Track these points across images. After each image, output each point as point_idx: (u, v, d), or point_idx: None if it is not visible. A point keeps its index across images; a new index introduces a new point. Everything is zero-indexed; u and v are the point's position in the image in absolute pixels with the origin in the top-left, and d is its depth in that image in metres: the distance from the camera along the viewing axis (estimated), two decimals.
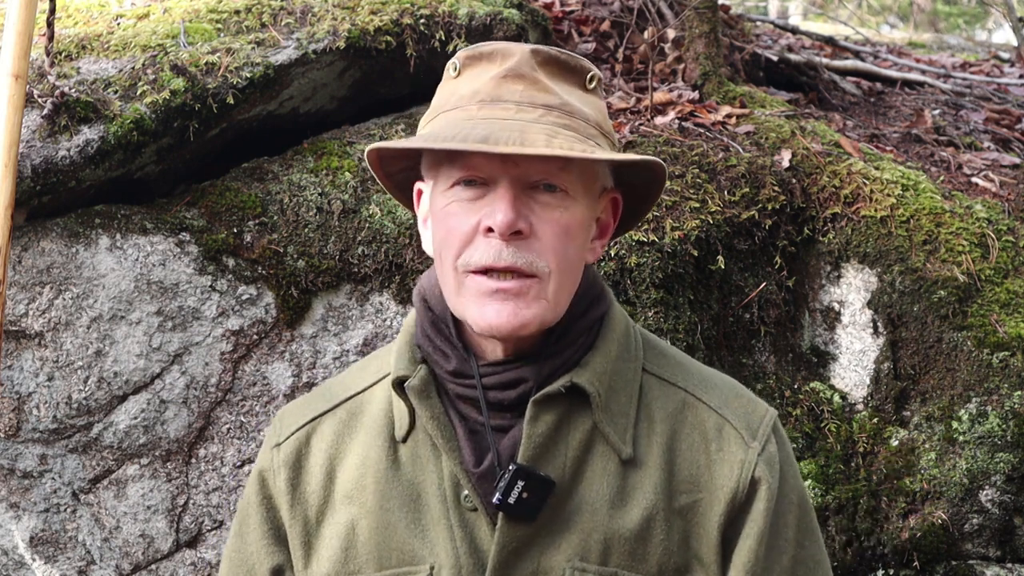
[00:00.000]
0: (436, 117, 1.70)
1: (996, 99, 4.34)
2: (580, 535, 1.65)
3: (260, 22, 3.02)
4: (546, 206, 1.64)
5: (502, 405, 1.68)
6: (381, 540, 1.70)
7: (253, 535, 1.81)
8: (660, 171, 1.74)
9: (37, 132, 2.57)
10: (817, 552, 1.75)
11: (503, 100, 1.65)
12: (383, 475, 1.72)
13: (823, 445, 2.96)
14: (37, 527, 2.66)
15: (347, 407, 1.80)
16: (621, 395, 1.71)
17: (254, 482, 1.82)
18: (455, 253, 1.65)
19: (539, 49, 1.70)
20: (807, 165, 3.17)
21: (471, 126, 1.61)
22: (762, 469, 1.69)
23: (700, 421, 1.72)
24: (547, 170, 1.63)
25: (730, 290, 3.00)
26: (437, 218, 1.69)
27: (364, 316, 2.77)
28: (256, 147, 2.98)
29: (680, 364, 1.79)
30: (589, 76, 1.72)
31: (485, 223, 1.63)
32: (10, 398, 2.61)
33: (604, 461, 1.68)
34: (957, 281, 2.96)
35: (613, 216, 1.79)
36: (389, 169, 1.80)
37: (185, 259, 2.69)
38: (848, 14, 8.17)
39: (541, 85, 1.67)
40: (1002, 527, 2.91)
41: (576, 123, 1.66)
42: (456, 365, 1.70)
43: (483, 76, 1.68)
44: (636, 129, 3.20)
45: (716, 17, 3.72)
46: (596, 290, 1.77)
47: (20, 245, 2.61)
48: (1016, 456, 2.87)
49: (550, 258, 1.64)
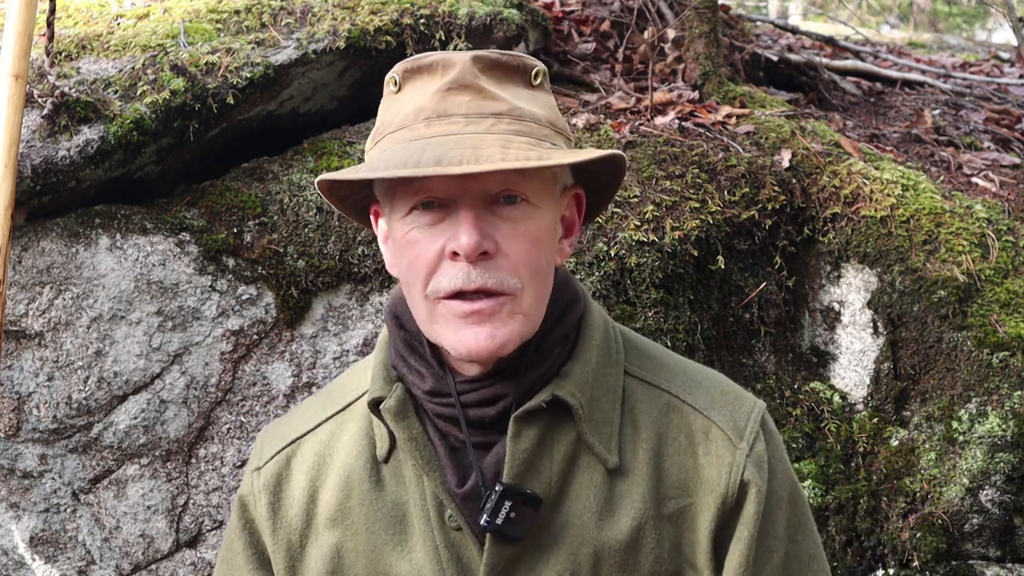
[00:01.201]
0: (382, 139, 1.64)
1: (996, 99, 4.34)
2: (569, 550, 1.63)
3: (260, 22, 3.02)
4: (509, 220, 1.59)
5: (482, 423, 1.64)
6: (368, 563, 1.68)
7: (238, 560, 1.79)
8: (620, 163, 1.69)
9: (37, 132, 2.57)
10: (811, 546, 1.72)
11: (450, 114, 1.59)
12: (366, 497, 1.69)
13: (823, 445, 2.96)
14: (37, 527, 2.66)
15: (327, 427, 1.77)
16: (604, 402, 1.67)
17: (236, 507, 1.80)
18: (423, 282, 1.60)
19: (480, 55, 1.64)
20: (807, 165, 3.17)
21: (421, 148, 1.55)
22: (751, 471, 1.65)
23: (686, 424, 1.68)
24: (506, 180, 1.58)
25: (730, 290, 3.00)
26: (399, 246, 1.64)
27: (364, 316, 2.77)
28: (256, 147, 2.98)
29: (663, 364, 1.75)
30: (533, 72, 1.67)
31: (449, 247, 1.57)
32: (10, 398, 2.61)
33: (590, 472, 1.65)
34: (957, 281, 2.96)
35: (578, 212, 1.74)
36: (341, 194, 1.74)
37: (185, 259, 2.69)
38: (848, 14, 8.17)
39: (487, 93, 1.61)
40: (1002, 527, 2.91)
41: (528, 126, 1.61)
42: (432, 384, 1.65)
43: (426, 90, 1.62)
44: (636, 129, 3.20)
45: (716, 17, 3.72)
46: (570, 293, 1.72)
47: (20, 245, 2.61)
48: (1016, 456, 2.87)
49: (521, 272, 1.59)
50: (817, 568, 1.72)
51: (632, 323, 2.78)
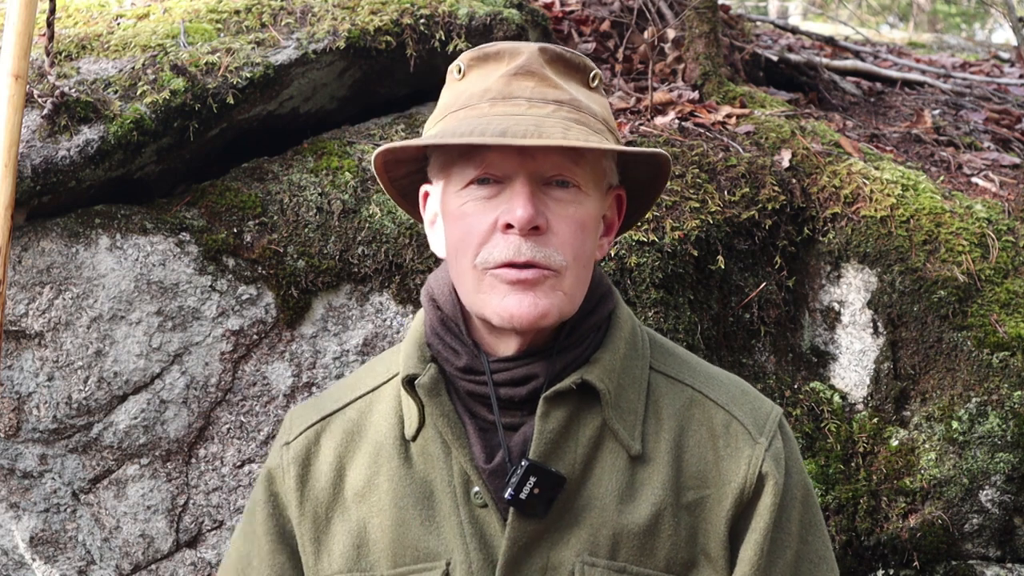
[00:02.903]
0: (445, 117, 1.71)
1: (996, 99, 4.34)
2: (589, 530, 1.67)
3: (260, 22, 3.02)
4: (560, 202, 1.66)
5: (512, 402, 1.70)
6: (395, 537, 1.71)
7: (258, 531, 1.82)
8: (665, 165, 1.76)
9: (37, 132, 2.57)
10: (821, 547, 1.76)
11: (515, 97, 1.67)
12: (395, 473, 1.73)
13: (823, 445, 2.96)
14: (37, 527, 2.66)
15: (356, 406, 1.82)
16: (630, 392, 1.73)
17: (262, 480, 1.83)
18: (474, 252, 1.66)
19: (546, 47, 1.72)
20: (807, 165, 3.17)
21: (486, 122, 1.63)
22: (769, 465, 1.71)
23: (708, 418, 1.74)
24: (561, 165, 1.65)
25: (730, 290, 3.00)
26: (451, 218, 1.70)
27: (364, 316, 2.77)
28: (256, 147, 2.98)
29: (686, 362, 1.81)
30: (592, 74, 1.75)
31: (503, 219, 1.64)
32: (10, 398, 2.61)
33: (613, 457, 1.70)
34: (957, 281, 2.96)
35: (618, 214, 1.81)
36: (394, 174, 1.81)
37: (185, 259, 2.69)
38: (848, 14, 8.17)
39: (550, 82, 1.69)
40: (1002, 527, 2.91)
41: (585, 118, 1.68)
42: (467, 361, 1.71)
43: (492, 75, 1.70)
44: (636, 129, 3.20)
45: (716, 17, 3.72)
46: (604, 288, 1.79)
47: (20, 245, 2.61)
48: (1016, 456, 2.87)
49: (567, 252, 1.65)
50: (827, 569, 1.75)
51: None
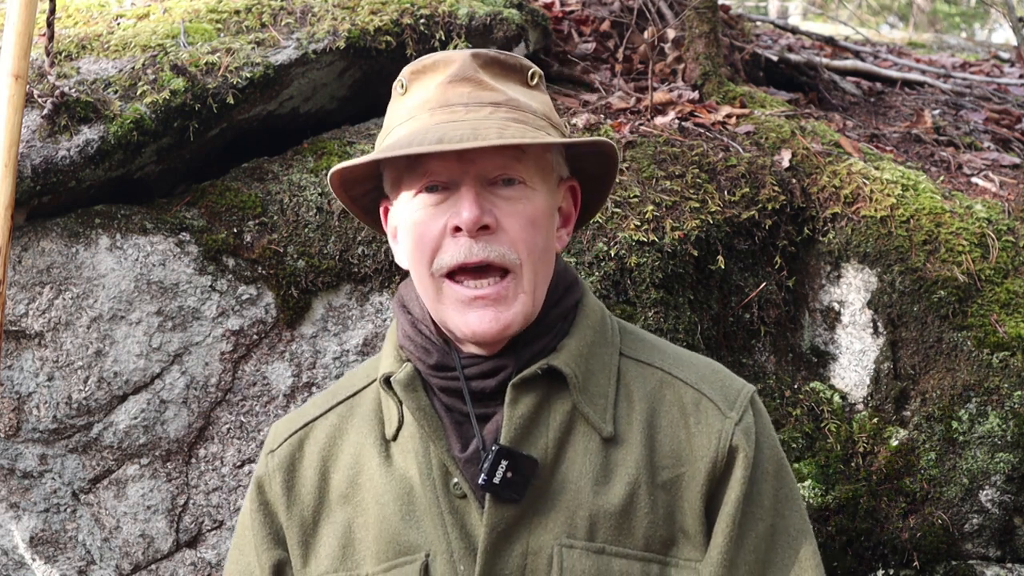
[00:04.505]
0: (391, 132, 1.76)
1: (996, 99, 4.34)
2: (566, 513, 1.69)
3: (260, 22, 3.02)
4: (508, 199, 1.70)
5: (484, 394, 1.73)
6: (378, 534, 1.74)
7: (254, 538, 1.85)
8: (612, 153, 1.79)
9: (37, 132, 2.57)
10: (799, 522, 1.77)
11: (451, 104, 1.72)
12: (375, 472, 1.77)
13: (823, 445, 2.96)
14: (37, 527, 2.66)
15: (338, 411, 1.86)
16: (599, 376, 1.76)
17: (252, 490, 1.87)
18: (428, 258, 1.71)
19: (479, 52, 1.77)
20: (807, 165, 3.17)
21: (423, 132, 1.68)
22: (739, 438, 1.73)
23: (678, 397, 1.77)
24: (503, 164, 1.69)
25: (730, 290, 3.00)
26: (405, 228, 1.76)
27: (364, 316, 2.77)
28: (256, 147, 2.98)
29: (656, 347, 1.84)
30: (530, 73, 1.80)
31: (452, 223, 1.69)
32: (10, 398, 2.62)
33: (586, 440, 1.73)
34: (957, 281, 2.96)
35: (574, 204, 1.84)
36: (354, 192, 1.84)
37: (185, 259, 2.69)
38: (848, 14, 8.17)
39: (486, 85, 1.73)
40: (1002, 527, 2.91)
41: (525, 116, 1.72)
42: (438, 359, 1.75)
43: (430, 86, 1.75)
44: (636, 129, 3.20)
45: (716, 17, 3.72)
46: (569, 278, 1.82)
47: (20, 245, 2.61)
48: (1016, 456, 2.87)
49: (520, 248, 1.70)
50: (806, 544, 1.76)
51: (632, 323, 2.78)
